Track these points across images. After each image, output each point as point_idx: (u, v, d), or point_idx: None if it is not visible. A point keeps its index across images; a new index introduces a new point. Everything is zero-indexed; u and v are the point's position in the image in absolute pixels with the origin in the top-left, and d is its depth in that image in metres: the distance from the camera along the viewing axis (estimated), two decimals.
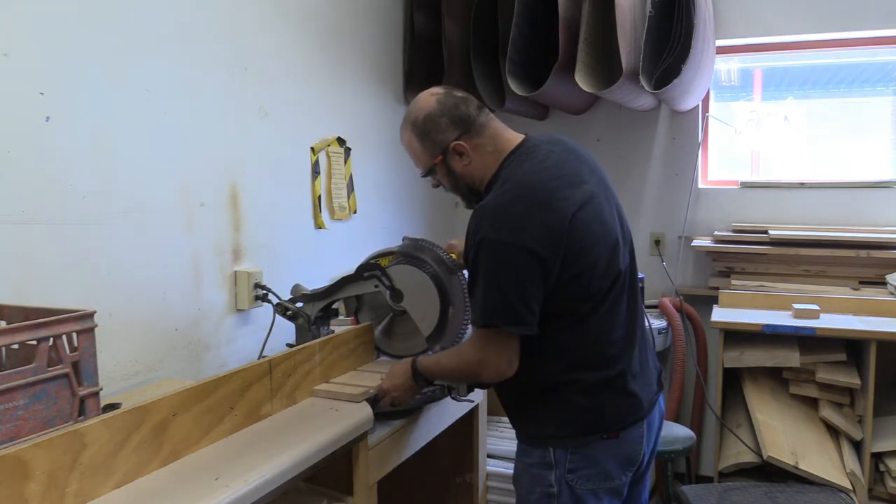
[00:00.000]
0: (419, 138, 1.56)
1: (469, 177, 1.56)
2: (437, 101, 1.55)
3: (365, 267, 1.83)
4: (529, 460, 1.55)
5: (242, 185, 2.12)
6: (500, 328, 1.41)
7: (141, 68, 1.77)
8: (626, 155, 3.31)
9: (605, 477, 1.50)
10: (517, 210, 1.39)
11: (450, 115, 1.53)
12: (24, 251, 1.51)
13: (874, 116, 3.15)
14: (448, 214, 3.54)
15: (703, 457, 3.23)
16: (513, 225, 1.37)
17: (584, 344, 1.49)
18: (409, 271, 1.84)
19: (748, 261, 3.05)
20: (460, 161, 1.54)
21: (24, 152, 1.51)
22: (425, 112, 1.55)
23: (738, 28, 3.10)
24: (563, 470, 1.49)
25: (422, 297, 1.83)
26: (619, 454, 1.52)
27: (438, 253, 1.84)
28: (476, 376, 1.49)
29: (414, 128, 1.56)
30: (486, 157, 1.54)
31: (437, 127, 1.53)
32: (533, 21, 2.73)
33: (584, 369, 1.49)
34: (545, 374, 1.51)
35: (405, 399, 1.65)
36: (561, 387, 1.50)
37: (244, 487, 1.15)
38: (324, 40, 2.51)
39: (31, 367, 1.16)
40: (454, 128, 1.53)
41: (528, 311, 1.40)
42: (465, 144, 1.53)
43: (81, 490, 1.08)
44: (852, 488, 2.42)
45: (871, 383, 2.52)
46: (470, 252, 1.44)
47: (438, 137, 1.53)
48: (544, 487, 1.51)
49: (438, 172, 1.59)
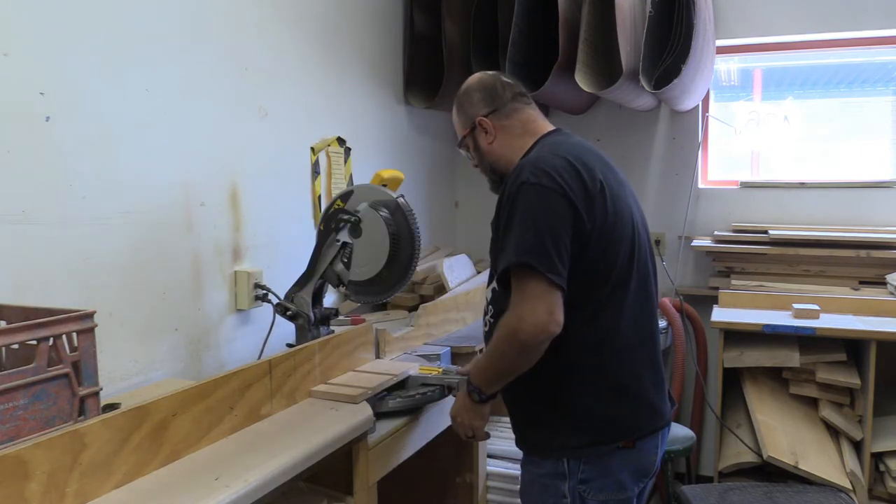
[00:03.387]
0: (457, 109, 1.66)
1: (492, 155, 1.61)
2: (479, 79, 1.66)
3: (329, 217, 1.90)
4: (540, 470, 1.50)
5: (242, 185, 2.12)
6: (534, 270, 1.36)
7: (141, 68, 1.77)
8: (626, 155, 3.31)
9: (618, 488, 1.47)
10: (557, 164, 1.43)
11: (483, 92, 1.62)
12: (24, 251, 1.51)
13: (874, 116, 3.15)
14: (448, 214, 3.54)
15: (703, 457, 3.23)
16: (553, 174, 1.41)
17: (607, 343, 1.46)
18: (375, 219, 1.88)
19: (748, 261, 3.05)
20: (485, 137, 1.61)
21: (24, 152, 1.51)
22: (467, 86, 1.66)
23: (738, 28, 3.10)
24: (575, 481, 1.45)
25: (371, 247, 1.88)
26: (634, 465, 1.49)
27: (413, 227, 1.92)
28: (516, 338, 1.38)
29: (457, 98, 1.67)
30: (513, 139, 1.59)
31: (469, 100, 1.63)
32: (533, 21, 2.73)
33: (606, 373, 1.46)
34: (563, 376, 1.46)
35: (474, 423, 1.57)
36: (579, 393, 1.46)
37: (244, 487, 1.15)
38: (324, 40, 2.51)
39: (31, 367, 1.16)
40: (484, 104, 1.61)
41: (560, 261, 1.37)
42: (491, 122, 1.60)
43: (81, 490, 1.08)
44: (852, 488, 2.42)
45: (871, 383, 2.51)
46: (506, 203, 1.44)
47: (470, 111, 1.62)
48: (557, 499, 1.47)
49: (468, 146, 1.65)
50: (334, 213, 1.90)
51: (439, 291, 2.70)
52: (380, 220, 1.87)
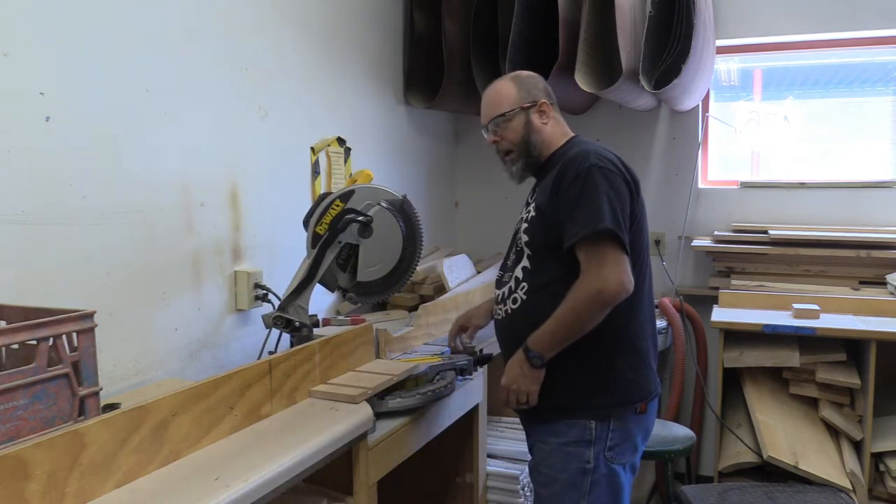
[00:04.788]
0: (517, 86, 1.79)
1: (539, 134, 1.77)
2: (536, 75, 1.85)
3: (337, 219, 1.88)
4: (561, 440, 1.62)
5: (242, 185, 2.12)
6: (613, 237, 1.54)
7: (141, 68, 1.77)
8: (626, 155, 3.23)
9: (633, 450, 1.66)
10: (612, 157, 1.68)
11: (544, 84, 1.84)
12: (24, 251, 1.51)
13: (874, 116, 3.15)
14: (448, 214, 3.54)
15: (703, 457, 3.23)
16: (615, 163, 1.65)
17: (633, 311, 1.65)
18: (387, 218, 1.89)
19: (748, 261, 3.05)
20: (540, 118, 1.77)
21: (24, 152, 1.51)
22: (529, 74, 1.84)
23: (738, 28, 3.10)
24: (603, 446, 1.60)
25: (382, 249, 1.90)
26: (645, 427, 1.70)
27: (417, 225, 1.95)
28: (599, 299, 1.54)
29: (516, 79, 1.81)
30: (557, 130, 1.80)
31: (536, 85, 1.81)
32: (533, 21, 2.73)
33: (632, 337, 1.66)
34: (602, 340, 1.61)
35: (529, 389, 1.62)
36: (612, 354, 1.63)
37: (244, 487, 1.15)
38: (323, 40, 2.51)
39: (31, 367, 1.16)
40: (546, 95, 1.81)
41: (626, 233, 1.58)
42: (550, 109, 1.79)
43: (81, 490, 1.08)
44: (852, 488, 2.42)
45: (871, 383, 2.52)
46: (575, 183, 1.60)
47: (534, 91, 1.79)
48: (580, 464, 1.60)
49: (515, 119, 1.76)
50: (340, 214, 1.88)
51: (439, 291, 2.70)
52: (393, 219, 1.88)
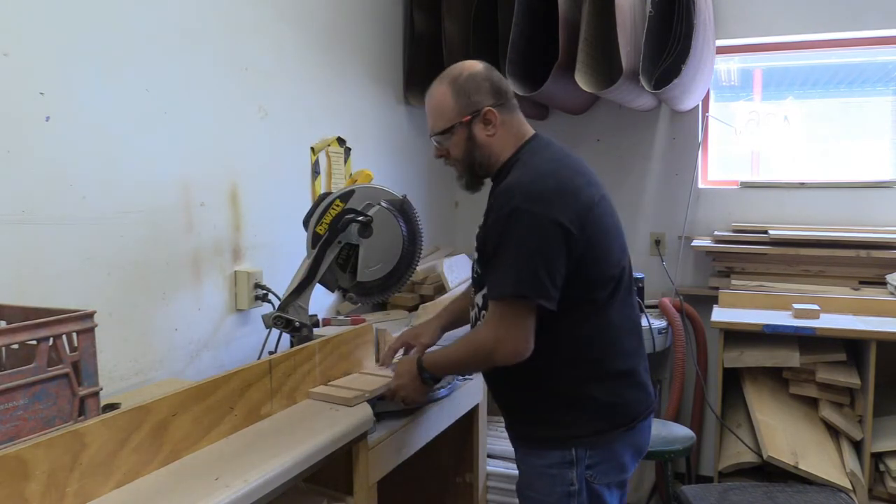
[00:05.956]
0: (454, 93, 1.53)
1: (486, 149, 1.54)
2: (484, 67, 1.56)
3: (337, 219, 1.86)
4: (545, 462, 1.52)
5: (242, 185, 2.12)
6: (525, 300, 1.39)
7: (141, 68, 1.77)
8: (626, 155, 3.31)
9: (620, 469, 1.54)
10: (549, 187, 1.42)
11: (492, 81, 1.54)
12: (24, 251, 1.51)
13: (874, 116, 3.15)
14: (448, 214, 3.54)
15: (703, 457, 3.23)
16: (545, 199, 1.40)
17: (603, 336, 1.50)
18: (388, 218, 1.88)
19: (748, 261, 3.05)
20: (485, 129, 1.53)
21: (24, 152, 1.51)
22: (470, 71, 1.54)
23: (738, 28, 3.10)
24: (583, 467, 1.49)
25: (382, 249, 1.89)
26: (635, 445, 1.56)
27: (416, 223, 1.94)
28: (490, 358, 1.44)
29: (453, 83, 1.54)
30: (508, 137, 1.55)
31: (477, 88, 1.52)
32: (533, 21, 2.73)
33: (605, 363, 1.51)
34: (567, 373, 1.50)
35: (416, 398, 1.64)
36: (582, 384, 1.50)
37: (244, 487, 1.15)
38: (323, 40, 2.51)
39: (31, 367, 1.16)
40: (493, 96, 1.53)
41: (553, 286, 1.39)
42: (497, 115, 1.52)
43: (81, 490, 1.08)
44: (852, 488, 2.42)
45: (871, 383, 2.51)
46: (496, 226, 1.43)
47: (475, 98, 1.52)
48: (565, 486, 1.50)
49: (456, 134, 1.54)
50: (340, 214, 1.88)
51: (439, 291, 2.70)
52: (393, 219, 1.87)
